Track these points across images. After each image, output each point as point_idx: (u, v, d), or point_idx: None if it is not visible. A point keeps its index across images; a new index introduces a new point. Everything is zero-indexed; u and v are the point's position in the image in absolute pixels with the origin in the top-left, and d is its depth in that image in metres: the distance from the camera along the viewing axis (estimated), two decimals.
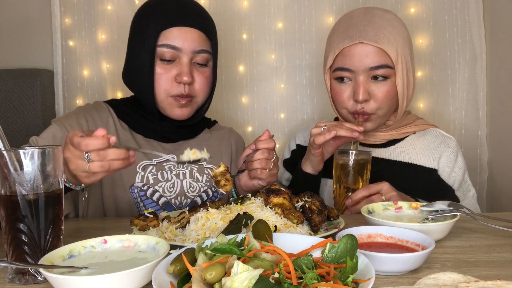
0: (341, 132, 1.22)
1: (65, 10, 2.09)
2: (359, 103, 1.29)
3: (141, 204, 1.27)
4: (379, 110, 1.31)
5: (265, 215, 0.95)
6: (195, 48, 1.25)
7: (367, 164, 1.27)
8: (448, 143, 1.41)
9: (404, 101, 1.32)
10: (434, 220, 0.95)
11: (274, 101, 2.11)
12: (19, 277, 0.73)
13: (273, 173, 1.20)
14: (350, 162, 1.25)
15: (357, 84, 1.28)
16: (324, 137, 1.22)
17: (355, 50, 1.27)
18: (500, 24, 1.91)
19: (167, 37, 1.23)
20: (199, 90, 1.29)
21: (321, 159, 1.33)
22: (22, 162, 0.72)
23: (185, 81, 1.24)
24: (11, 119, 2.01)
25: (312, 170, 1.35)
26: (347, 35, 1.29)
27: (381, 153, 1.43)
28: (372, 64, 1.26)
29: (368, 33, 1.26)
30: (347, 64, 1.29)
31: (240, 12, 2.08)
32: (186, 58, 1.25)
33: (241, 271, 0.56)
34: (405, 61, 1.28)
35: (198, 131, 1.45)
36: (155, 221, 0.97)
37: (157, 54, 1.24)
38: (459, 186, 1.39)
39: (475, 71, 1.99)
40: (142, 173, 1.29)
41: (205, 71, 1.30)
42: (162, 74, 1.25)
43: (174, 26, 1.23)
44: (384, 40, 1.25)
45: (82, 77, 2.11)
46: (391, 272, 0.73)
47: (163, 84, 1.25)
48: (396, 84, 1.28)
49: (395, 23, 1.30)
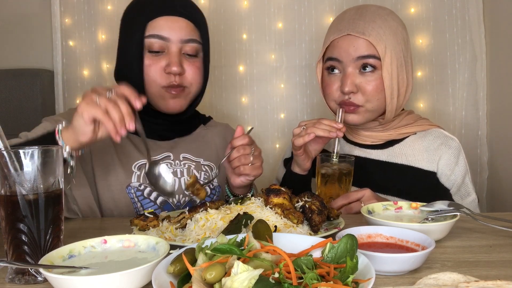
0: (319, 133, 1.22)
1: (65, 10, 2.09)
2: (346, 94, 1.29)
3: (139, 204, 1.27)
4: (367, 103, 1.30)
5: (265, 215, 0.95)
6: (183, 37, 1.24)
7: (349, 172, 1.27)
8: (450, 145, 1.37)
9: (393, 97, 1.30)
10: (434, 220, 0.95)
11: (274, 101, 2.11)
12: (19, 277, 0.73)
13: (256, 166, 1.20)
14: (330, 171, 1.26)
15: (345, 75, 1.29)
16: (303, 139, 1.22)
17: (344, 42, 1.28)
18: (500, 24, 1.91)
19: (154, 27, 1.22)
20: (190, 80, 1.28)
21: (305, 158, 1.31)
22: (22, 162, 0.72)
23: (174, 71, 1.22)
24: (11, 119, 2.00)
25: (300, 170, 1.35)
26: (337, 28, 1.31)
27: (379, 155, 1.40)
28: (360, 54, 1.26)
29: (357, 26, 1.27)
30: (335, 54, 1.30)
31: (240, 12, 2.08)
32: (175, 48, 1.23)
33: (241, 271, 0.56)
34: (396, 56, 1.27)
35: (193, 127, 1.44)
36: (155, 221, 0.97)
37: (145, 45, 1.23)
38: (457, 190, 1.36)
39: (475, 71, 1.99)
40: (138, 172, 1.29)
41: (196, 61, 1.29)
42: (151, 65, 1.23)
43: (160, 16, 1.22)
44: (373, 33, 1.25)
45: (82, 77, 2.11)
46: (391, 272, 0.73)
47: (153, 76, 1.24)
48: (383, 78, 1.27)
49: (388, 18, 1.29)
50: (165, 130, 1.36)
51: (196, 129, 1.45)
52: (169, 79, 1.24)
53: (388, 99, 1.30)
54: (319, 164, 1.29)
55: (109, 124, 0.93)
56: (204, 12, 1.35)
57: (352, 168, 1.28)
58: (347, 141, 1.46)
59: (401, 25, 1.33)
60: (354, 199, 1.19)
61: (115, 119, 0.94)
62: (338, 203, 1.19)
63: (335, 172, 1.26)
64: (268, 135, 2.12)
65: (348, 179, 1.27)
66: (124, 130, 0.94)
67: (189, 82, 1.28)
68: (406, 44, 1.32)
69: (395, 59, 1.27)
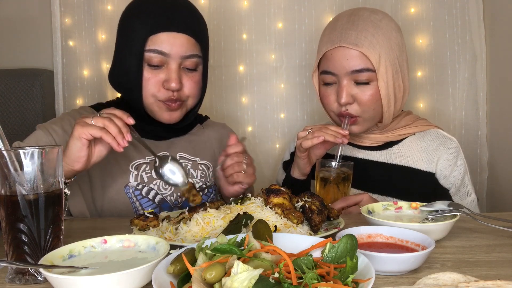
0: (328, 137, 1.23)
1: (65, 10, 2.09)
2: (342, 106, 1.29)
3: (137, 204, 1.27)
4: (364, 113, 1.30)
5: (265, 215, 0.95)
6: (184, 53, 1.23)
7: (348, 176, 1.28)
8: (448, 145, 1.36)
9: (390, 105, 1.30)
10: (434, 220, 0.95)
11: (274, 101, 2.11)
12: (19, 277, 0.73)
13: (250, 173, 1.20)
14: (330, 176, 1.27)
15: (340, 87, 1.28)
16: (312, 141, 1.23)
17: (337, 54, 1.27)
18: (500, 24, 1.91)
19: (154, 42, 1.21)
20: (188, 94, 1.28)
21: (307, 162, 1.32)
22: (22, 162, 0.72)
23: (173, 87, 1.22)
24: (11, 119, 2.00)
25: (300, 174, 1.36)
26: (329, 38, 1.30)
27: (377, 156, 1.40)
28: (354, 68, 1.25)
29: (349, 37, 1.25)
30: (330, 67, 1.29)
31: (240, 12, 2.08)
32: (175, 64, 1.23)
33: (241, 271, 0.56)
34: (390, 64, 1.26)
35: (190, 127, 1.44)
36: (155, 221, 0.97)
37: (145, 59, 1.22)
38: (456, 190, 1.35)
39: (475, 71, 1.98)
40: (136, 172, 1.29)
41: (195, 76, 1.28)
42: (149, 79, 1.23)
43: (162, 31, 1.21)
44: (365, 43, 1.23)
45: (82, 77, 2.11)
46: (391, 272, 0.73)
47: (151, 89, 1.24)
48: (379, 88, 1.26)
49: (381, 24, 1.27)
50: (162, 131, 1.36)
51: (193, 129, 1.46)
52: (167, 94, 1.24)
53: (385, 108, 1.30)
54: (319, 168, 1.29)
55: (109, 137, 0.99)
56: (204, 12, 1.35)
57: (351, 173, 1.28)
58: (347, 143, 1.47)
59: (395, 29, 1.31)
60: (352, 203, 1.20)
61: (114, 132, 1.00)
62: (337, 206, 1.19)
63: (334, 176, 1.26)
64: (268, 135, 2.12)
65: (346, 183, 1.28)
66: (125, 141, 1.01)
67: (187, 96, 1.28)
68: (400, 49, 1.31)
69: (390, 67, 1.26)
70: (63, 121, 1.29)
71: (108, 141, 1.00)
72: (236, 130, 2.06)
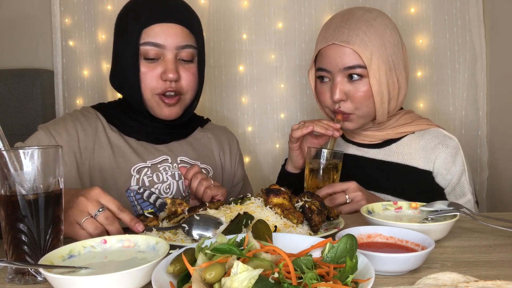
0: (317, 128, 1.28)
1: (65, 10, 2.09)
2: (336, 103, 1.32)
3: (138, 207, 1.27)
4: (357, 110, 1.31)
5: (265, 215, 0.95)
6: (179, 43, 1.24)
7: (337, 165, 1.28)
8: (447, 144, 1.35)
9: (383, 102, 1.30)
10: (434, 220, 0.95)
11: (274, 101, 2.11)
12: (19, 277, 0.73)
13: (217, 185, 1.19)
14: (318, 163, 1.27)
15: (334, 84, 1.31)
16: (301, 131, 1.29)
17: (330, 51, 1.30)
18: (500, 24, 1.91)
19: (149, 35, 1.22)
20: (186, 86, 1.28)
21: (299, 154, 1.37)
22: (22, 162, 0.72)
23: (170, 78, 1.23)
24: (11, 119, 2.01)
25: (293, 168, 1.40)
26: (324, 36, 1.33)
27: (375, 154, 1.41)
28: (346, 65, 1.27)
29: (341, 35, 1.27)
30: (324, 64, 1.32)
31: (240, 12, 2.08)
32: (171, 55, 1.24)
33: (240, 271, 0.56)
34: (383, 62, 1.27)
35: (190, 130, 1.44)
36: (155, 221, 0.97)
37: (141, 53, 1.23)
38: (452, 189, 1.34)
39: (475, 71, 1.99)
40: (137, 176, 1.29)
41: (191, 67, 1.29)
42: (147, 72, 1.24)
43: (155, 23, 1.22)
44: (357, 41, 1.25)
45: (82, 77, 2.11)
46: (391, 272, 0.73)
47: (149, 83, 1.24)
48: (371, 85, 1.28)
49: (374, 22, 1.28)
50: (162, 133, 1.36)
51: (193, 132, 1.45)
52: (165, 85, 1.24)
53: (378, 105, 1.31)
54: (308, 156, 1.31)
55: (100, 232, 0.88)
56: (204, 12, 1.35)
57: (340, 162, 1.29)
58: (345, 140, 1.48)
59: (390, 27, 1.31)
60: (339, 190, 1.19)
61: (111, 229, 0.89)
62: (323, 192, 1.20)
63: (323, 164, 1.27)
64: (268, 135, 2.12)
65: (335, 172, 1.29)
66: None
67: (185, 89, 1.28)
68: (395, 47, 1.31)
69: (382, 64, 1.27)
70: (65, 122, 1.29)
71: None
72: (236, 130, 2.06)
